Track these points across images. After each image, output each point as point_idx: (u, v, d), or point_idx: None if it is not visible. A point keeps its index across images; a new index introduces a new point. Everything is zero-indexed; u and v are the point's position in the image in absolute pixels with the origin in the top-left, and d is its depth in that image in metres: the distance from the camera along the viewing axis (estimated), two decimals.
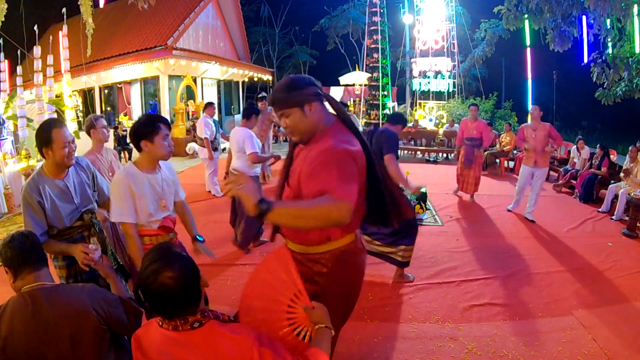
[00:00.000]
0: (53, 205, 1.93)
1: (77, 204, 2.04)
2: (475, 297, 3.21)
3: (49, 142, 1.91)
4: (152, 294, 1.07)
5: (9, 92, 8.43)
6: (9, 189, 5.85)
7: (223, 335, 1.08)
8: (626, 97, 8.09)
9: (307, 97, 1.45)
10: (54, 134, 1.91)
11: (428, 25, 13.99)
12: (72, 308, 1.35)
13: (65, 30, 8.20)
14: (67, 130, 1.97)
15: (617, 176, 5.86)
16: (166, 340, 1.10)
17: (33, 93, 7.93)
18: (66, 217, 1.99)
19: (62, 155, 1.93)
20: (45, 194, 1.92)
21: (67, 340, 1.33)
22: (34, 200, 1.88)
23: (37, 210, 1.89)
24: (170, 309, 1.09)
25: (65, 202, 1.99)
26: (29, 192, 1.90)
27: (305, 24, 21.63)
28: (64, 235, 2.01)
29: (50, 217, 1.93)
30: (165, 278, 1.05)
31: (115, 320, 1.43)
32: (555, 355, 2.49)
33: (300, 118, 1.47)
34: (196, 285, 1.11)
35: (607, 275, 3.64)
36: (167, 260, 1.08)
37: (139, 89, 11.22)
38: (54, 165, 1.98)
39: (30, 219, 1.89)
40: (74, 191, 2.04)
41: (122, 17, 12.29)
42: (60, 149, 1.92)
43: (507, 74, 20.02)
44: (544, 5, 7.52)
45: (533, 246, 4.32)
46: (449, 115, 12.00)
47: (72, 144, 1.98)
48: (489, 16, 12.61)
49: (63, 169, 2.01)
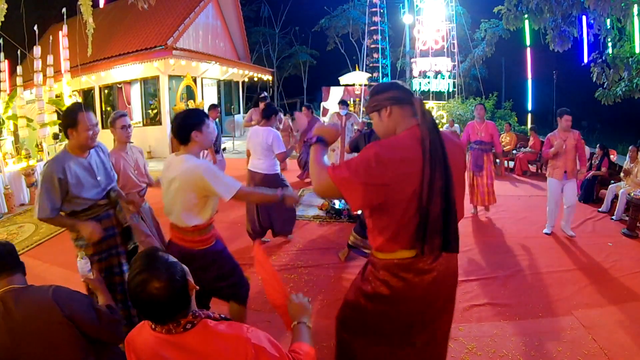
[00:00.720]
0: (78, 181, 2.11)
1: (100, 180, 2.23)
2: (475, 297, 3.21)
3: (75, 124, 2.08)
4: (141, 304, 1.06)
5: (9, 92, 8.42)
6: (9, 189, 5.85)
7: (217, 334, 1.08)
8: (626, 97, 8.09)
9: (381, 102, 1.52)
10: (80, 117, 2.09)
11: (428, 25, 14.01)
12: (37, 305, 1.38)
13: (65, 30, 8.21)
14: (92, 115, 2.15)
15: (617, 176, 5.86)
16: (160, 343, 1.09)
17: (33, 93, 7.93)
18: (92, 191, 2.18)
19: (86, 137, 2.11)
20: (71, 170, 2.09)
21: (38, 339, 1.35)
22: (54, 177, 2.03)
23: (54, 186, 2.04)
24: (161, 316, 1.08)
25: (90, 177, 2.18)
26: (50, 168, 2.05)
27: (305, 24, 21.64)
28: (93, 211, 2.19)
29: (76, 192, 2.10)
30: (153, 289, 1.04)
31: (80, 317, 1.43)
32: (555, 355, 2.49)
33: (378, 122, 1.56)
34: (185, 291, 1.09)
35: (607, 275, 3.64)
36: (154, 271, 1.06)
37: (139, 89, 11.20)
38: (77, 146, 2.15)
39: (44, 194, 2.04)
40: (97, 169, 2.23)
41: (122, 17, 12.28)
42: (84, 131, 2.10)
43: (507, 74, 20.02)
44: (544, 5, 7.52)
45: (533, 246, 4.31)
46: (449, 115, 12.01)
47: (95, 128, 2.15)
48: (489, 16, 12.63)
49: (85, 150, 2.19)
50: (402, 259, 1.45)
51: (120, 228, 2.33)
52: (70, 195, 2.09)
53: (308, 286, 3.39)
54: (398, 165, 1.35)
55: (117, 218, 2.32)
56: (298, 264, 3.82)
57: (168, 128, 9.93)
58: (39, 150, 6.99)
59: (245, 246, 4.15)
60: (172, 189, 1.94)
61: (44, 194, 2.04)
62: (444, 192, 1.36)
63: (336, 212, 5.19)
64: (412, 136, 1.42)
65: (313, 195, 6.15)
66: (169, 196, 1.98)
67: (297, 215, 5.31)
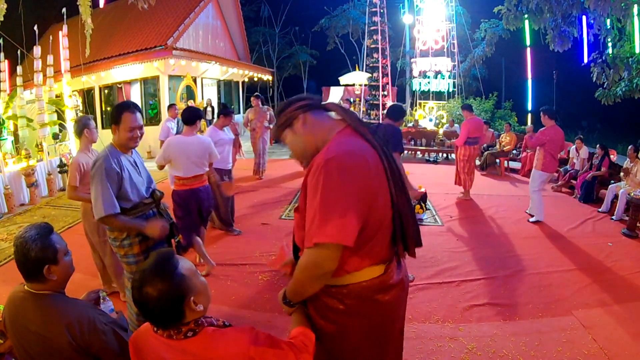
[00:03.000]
0: (128, 177, 2.07)
1: (144, 178, 2.22)
2: (475, 297, 3.21)
3: (118, 121, 2.06)
4: (136, 300, 1.07)
5: (9, 92, 8.43)
6: (9, 189, 5.85)
7: (219, 341, 1.08)
8: (626, 97, 8.10)
9: (291, 114, 1.31)
10: (124, 116, 2.05)
11: (428, 25, 14.00)
12: (47, 329, 1.30)
13: (65, 30, 8.21)
14: (138, 116, 2.10)
15: (617, 176, 5.86)
16: (162, 347, 1.09)
17: (33, 93, 7.94)
18: (140, 188, 2.14)
19: (126, 138, 2.08)
20: (123, 165, 2.07)
21: (38, 351, 1.33)
22: (114, 171, 1.99)
23: (113, 180, 1.99)
24: (154, 320, 1.09)
25: (137, 174, 2.16)
26: (108, 162, 1.99)
27: (305, 24, 21.66)
28: (139, 210, 2.13)
29: (127, 189, 2.05)
30: (146, 293, 1.04)
31: (99, 350, 1.35)
32: (555, 355, 2.49)
33: (292, 138, 1.32)
34: (175, 309, 1.06)
35: (607, 275, 3.63)
36: (155, 275, 1.05)
37: (139, 89, 11.20)
38: (119, 143, 2.12)
39: (106, 189, 1.95)
40: (140, 167, 2.23)
41: (122, 17, 12.29)
42: (125, 131, 2.07)
43: (507, 74, 20.01)
44: (544, 5, 7.52)
45: (533, 246, 4.31)
46: (449, 115, 12.00)
47: (137, 130, 2.11)
48: (489, 16, 12.63)
49: (127, 149, 2.16)
50: (370, 279, 1.25)
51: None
52: (122, 192, 2.03)
53: None
54: (366, 166, 1.18)
55: (162, 216, 2.28)
56: None
57: None
58: (39, 150, 6.99)
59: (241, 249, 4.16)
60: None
61: (106, 189, 1.95)
62: (400, 186, 1.27)
63: None
64: (348, 134, 1.26)
65: None
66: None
67: None
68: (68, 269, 1.41)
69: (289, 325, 1.34)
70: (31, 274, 1.33)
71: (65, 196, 6.69)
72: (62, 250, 1.38)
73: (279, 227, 4.86)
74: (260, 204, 5.82)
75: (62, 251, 1.38)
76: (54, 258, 1.34)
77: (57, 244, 1.36)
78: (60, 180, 7.10)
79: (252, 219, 5.11)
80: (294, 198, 6.10)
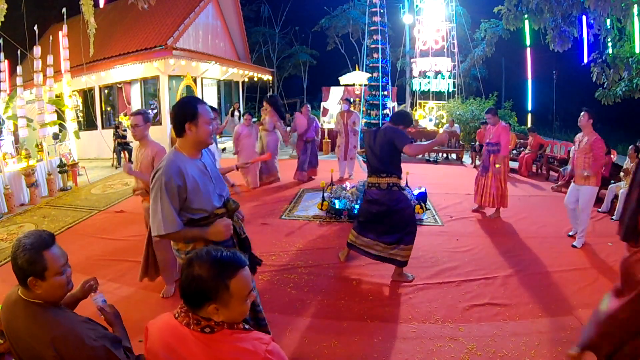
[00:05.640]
0: (196, 187, 1.82)
1: (215, 185, 1.95)
2: (475, 297, 3.21)
3: (195, 116, 1.81)
4: (182, 269, 1.12)
5: (9, 92, 8.43)
6: (9, 189, 5.85)
7: (233, 345, 1.07)
8: (626, 97, 8.11)
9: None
10: (201, 108, 1.83)
11: (428, 25, 14.00)
12: (34, 339, 1.29)
13: (65, 30, 8.21)
14: (210, 108, 1.91)
15: (617, 176, 5.86)
16: (175, 333, 1.10)
17: (33, 93, 7.94)
18: (210, 198, 1.89)
19: (207, 133, 1.85)
20: (188, 174, 1.80)
21: (28, 356, 1.32)
22: (174, 185, 1.75)
23: (174, 195, 1.76)
24: (182, 294, 1.11)
25: (207, 182, 1.89)
26: (168, 174, 1.75)
27: (305, 24, 21.62)
28: (209, 222, 1.89)
29: (193, 200, 1.81)
30: (193, 270, 1.08)
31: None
32: (555, 355, 2.49)
33: None
34: (197, 294, 1.08)
35: (608, 275, 3.63)
36: (202, 261, 1.09)
37: (139, 89, 11.20)
38: (194, 144, 1.87)
39: (168, 205, 1.75)
40: (211, 172, 1.95)
41: (122, 17, 12.29)
42: (206, 124, 1.84)
43: (507, 74, 20.01)
44: (544, 5, 7.53)
45: (533, 246, 4.31)
46: (449, 115, 12.00)
47: (215, 122, 1.93)
48: (489, 16, 12.63)
49: (200, 149, 1.92)
50: None
51: (237, 239, 2.09)
52: (187, 204, 1.81)
53: (308, 286, 3.38)
54: None
55: (235, 228, 2.04)
56: (298, 264, 3.82)
57: (168, 128, 9.92)
58: (39, 150, 7.00)
59: None
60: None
61: (168, 205, 1.74)
62: None
63: (336, 212, 5.19)
64: None
65: (312, 197, 6.15)
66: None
67: (297, 215, 5.32)
68: (57, 289, 1.34)
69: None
70: (18, 279, 1.32)
71: (65, 196, 6.69)
72: (53, 269, 1.30)
73: (279, 227, 4.86)
74: (260, 204, 5.82)
75: (53, 269, 1.30)
76: (41, 274, 1.29)
77: (49, 261, 1.29)
78: (60, 180, 7.10)
79: (252, 219, 5.12)
80: (294, 198, 6.10)
